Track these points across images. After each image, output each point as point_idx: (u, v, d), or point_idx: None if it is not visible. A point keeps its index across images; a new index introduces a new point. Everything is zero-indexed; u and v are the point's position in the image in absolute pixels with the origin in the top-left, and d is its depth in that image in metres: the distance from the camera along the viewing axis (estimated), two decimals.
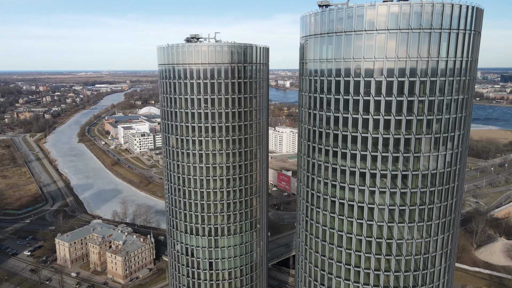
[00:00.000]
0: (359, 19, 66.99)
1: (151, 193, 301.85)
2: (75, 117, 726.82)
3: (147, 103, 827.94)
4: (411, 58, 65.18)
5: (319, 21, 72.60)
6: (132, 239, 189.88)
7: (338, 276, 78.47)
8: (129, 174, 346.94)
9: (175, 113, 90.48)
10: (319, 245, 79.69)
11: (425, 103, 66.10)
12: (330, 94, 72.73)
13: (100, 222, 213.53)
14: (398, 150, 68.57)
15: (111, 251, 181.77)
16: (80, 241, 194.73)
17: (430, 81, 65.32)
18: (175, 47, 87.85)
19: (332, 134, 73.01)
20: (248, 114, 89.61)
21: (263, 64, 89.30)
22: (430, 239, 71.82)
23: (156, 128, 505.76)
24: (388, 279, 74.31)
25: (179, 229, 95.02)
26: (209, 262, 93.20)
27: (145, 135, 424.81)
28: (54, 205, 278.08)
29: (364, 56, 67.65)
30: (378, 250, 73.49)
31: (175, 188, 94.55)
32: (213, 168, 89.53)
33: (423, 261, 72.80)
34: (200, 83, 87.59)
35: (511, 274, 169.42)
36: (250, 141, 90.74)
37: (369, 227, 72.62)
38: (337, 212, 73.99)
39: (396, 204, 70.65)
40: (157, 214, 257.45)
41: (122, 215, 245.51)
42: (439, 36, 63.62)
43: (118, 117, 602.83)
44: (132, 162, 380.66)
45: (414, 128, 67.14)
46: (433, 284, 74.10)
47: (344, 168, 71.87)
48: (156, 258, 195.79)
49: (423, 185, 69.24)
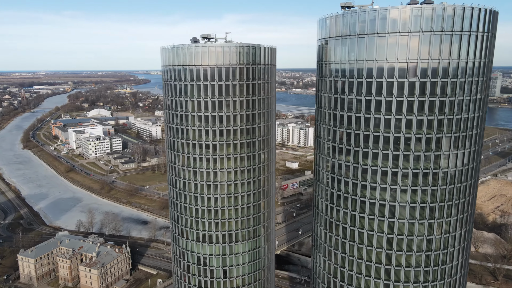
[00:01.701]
0: (382, 21, 68.18)
1: (114, 199, 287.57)
2: (15, 121, 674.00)
3: (95, 105, 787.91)
4: (433, 60, 67.43)
5: (340, 23, 73.01)
6: (106, 250, 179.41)
7: (358, 273, 79.63)
8: (88, 180, 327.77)
9: (182, 116, 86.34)
10: (339, 243, 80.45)
11: (445, 103, 68.76)
12: (351, 94, 73.50)
13: (67, 234, 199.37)
14: (420, 149, 70.79)
15: (85, 264, 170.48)
16: (47, 256, 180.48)
17: (450, 81, 68.03)
18: (181, 47, 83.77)
19: (359, 135, 73.78)
20: (257, 116, 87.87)
21: (271, 65, 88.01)
22: (449, 235, 74.86)
23: (110, 131, 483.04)
24: (409, 275, 76.62)
25: (189, 238, 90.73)
26: (223, 270, 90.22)
27: (100, 139, 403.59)
28: (7, 218, 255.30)
29: (387, 58, 69.00)
30: (399, 246, 75.47)
31: (182, 195, 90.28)
32: (227, 173, 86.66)
33: (441, 257, 75.75)
34: (208, 85, 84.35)
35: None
36: (260, 144, 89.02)
37: (391, 224, 74.39)
38: (367, 212, 74.92)
39: (417, 201, 72.97)
40: (126, 222, 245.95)
41: (88, 225, 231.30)
42: (460, 37, 66.43)
43: (66, 121, 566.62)
44: (89, 168, 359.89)
45: (435, 127, 69.64)
46: (450, 279, 77.35)
47: (375, 168, 72.89)
48: (132, 268, 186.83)
49: (443, 182, 72.00)
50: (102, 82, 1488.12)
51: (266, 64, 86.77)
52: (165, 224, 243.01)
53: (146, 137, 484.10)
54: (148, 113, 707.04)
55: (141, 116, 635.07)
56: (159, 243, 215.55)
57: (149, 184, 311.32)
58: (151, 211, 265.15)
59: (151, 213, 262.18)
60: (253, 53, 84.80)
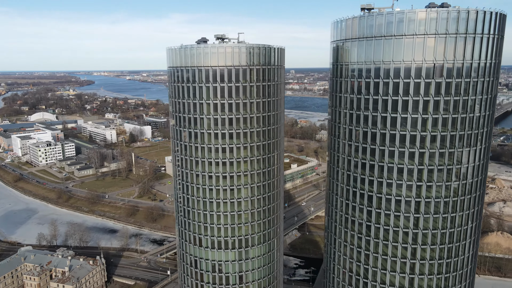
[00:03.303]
0: (399, 24, 70.52)
1: (75, 209, 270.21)
2: None
3: (37, 109, 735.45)
4: (448, 61, 70.96)
5: (357, 26, 74.54)
6: (79, 263, 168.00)
7: (374, 266, 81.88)
8: (41, 190, 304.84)
9: (196, 119, 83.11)
10: (355, 238, 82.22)
11: (459, 102, 72.64)
12: (368, 94, 75.32)
13: (30, 249, 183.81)
14: (434, 146, 74.13)
15: (57, 281, 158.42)
16: (11, 274, 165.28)
17: (464, 81, 71.93)
18: (190, 48, 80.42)
19: (376, 133, 75.71)
20: (271, 118, 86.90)
21: (280, 66, 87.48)
22: (461, 229, 78.98)
23: (59, 136, 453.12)
24: (423, 267, 80.00)
25: (203, 245, 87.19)
26: (239, 275, 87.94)
27: (51, 145, 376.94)
28: None
29: (404, 59, 71.59)
30: (414, 241, 78.50)
31: (196, 201, 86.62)
32: (244, 176, 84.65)
33: (454, 250, 79.54)
34: (217, 87, 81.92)
35: None
36: (272, 146, 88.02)
37: (414, 220, 77.15)
38: (383, 208, 77.00)
39: (432, 196, 76.39)
40: (92, 232, 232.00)
41: (51, 238, 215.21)
42: (473, 39, 70.34)
43: (6, 126, 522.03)
44: (41, 177, 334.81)
45: (449, 125, 73.28)
46: (462, 271, 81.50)
47: (391, 166, 75.13)
48: (107, 281, 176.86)
49: (456, 178, 75.93)
50: (40, 84, 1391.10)
51: (277, 65, 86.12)
52: (135, 232, 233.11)
53: (100, 141, 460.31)
54: (97, 116, 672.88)
55: (90, 119, 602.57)
56: (132, 252, 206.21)
57: (111, 191, 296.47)
58: (117, 219, 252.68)
59: (118, 221, 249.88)
60: (264, 53, 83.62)
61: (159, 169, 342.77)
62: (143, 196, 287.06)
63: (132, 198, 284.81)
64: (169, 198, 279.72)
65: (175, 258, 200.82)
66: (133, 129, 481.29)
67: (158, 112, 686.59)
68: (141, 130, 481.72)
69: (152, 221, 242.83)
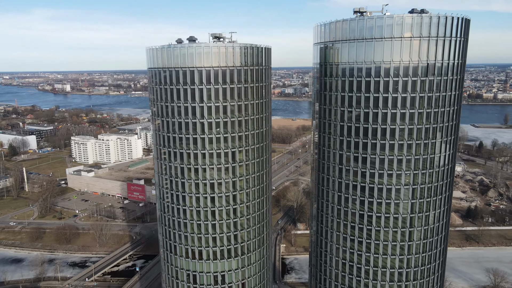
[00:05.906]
0: (388, 27, 77.31)
1: None
2: None
3: None
4: (422, 61, 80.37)
5: (347, 29, 79.36)
6: None
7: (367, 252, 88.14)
8: None
9: (181, 123, 76.90)
10: (348, 227, 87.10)
11: (432, 98, 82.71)
12: (360, 92, 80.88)
13: None
14: (411, 138, 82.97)
15: None
16: None
17: (436, 80, 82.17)
18: (173, 48, 73.48)
19: (368, 128, 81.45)
20: (260, 121, 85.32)
21: (268, 67, 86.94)
22: (440, 211, 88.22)
23: None
24: (402, 262, 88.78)
25: (203, 258, 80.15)
26: (242, 283, 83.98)
27: None
28: None
29: (383, 59, 78.82)
30: (404, 223, 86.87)
31: (193, 211, 79.65)
32: (239, 181, 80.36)
33: (435, 230, 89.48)
34: (219, 88, 77.10)
35: None
36: (263, 150, 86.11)
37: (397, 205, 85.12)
38: (376, 197, 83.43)
39: (410, 184, 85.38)
40: None
41: None
42: (443, 42, 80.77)
43: None
44: None
45: (424, 119, 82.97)
46: (435, 263, 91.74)
47: (382, 157, 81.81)
48: None
49: (431, 166, 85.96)
50: None
51: (265, 65, 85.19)
52: (47, 257, 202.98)
53: None
54: None
55: None
56: (52, 281, 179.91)
57: (1, 214, 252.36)
58: (19, 245, 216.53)
59: (20, 248, 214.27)
60: (256, 53, 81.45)
61: (59, 183, 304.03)
62: (45, 215, 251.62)
63: (33, 219, 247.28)
64: (79, 215, 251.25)
65: (105, 279, 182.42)
66: (13, 140, 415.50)
67: (38, 119, 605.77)
68: (24, 141, 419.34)
69: (65, 242, 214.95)
